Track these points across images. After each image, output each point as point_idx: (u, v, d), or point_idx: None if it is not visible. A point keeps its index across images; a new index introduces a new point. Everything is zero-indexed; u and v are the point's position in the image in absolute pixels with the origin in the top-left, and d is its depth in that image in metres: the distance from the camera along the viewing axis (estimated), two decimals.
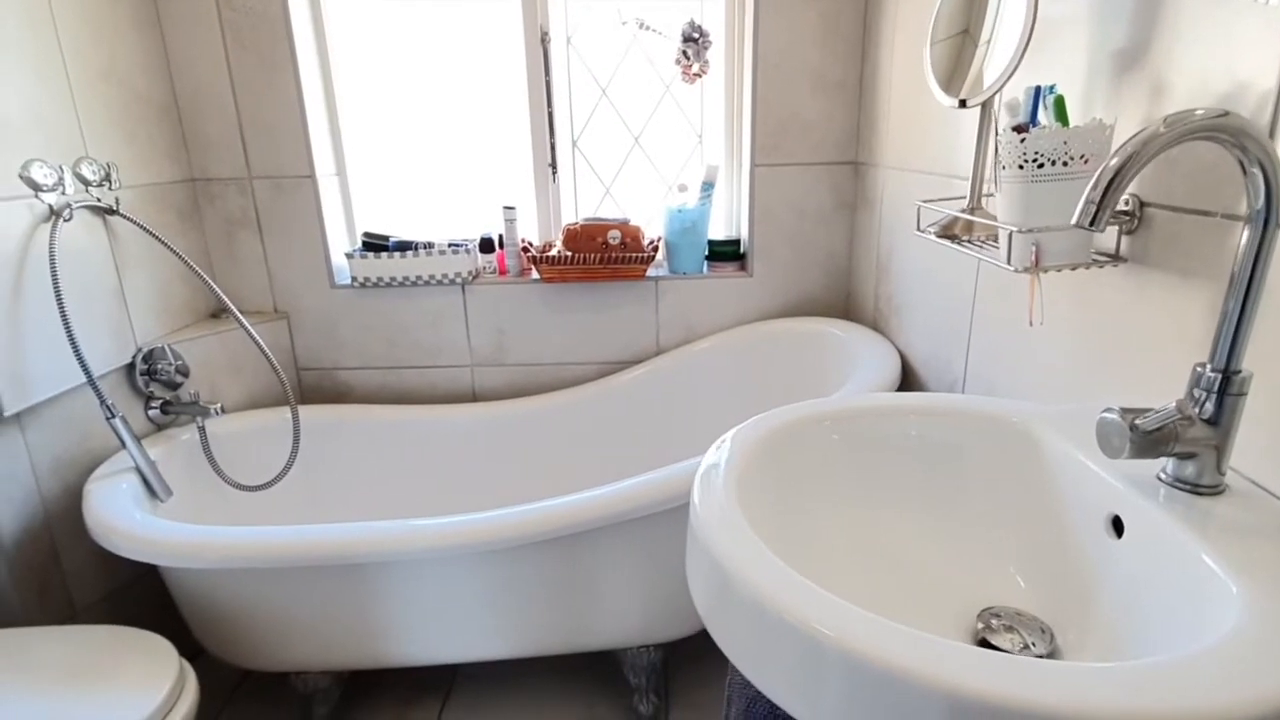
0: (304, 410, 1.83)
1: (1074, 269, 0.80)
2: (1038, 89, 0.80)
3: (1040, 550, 0.77)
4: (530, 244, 1.89)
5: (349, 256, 1.84)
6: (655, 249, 1.82)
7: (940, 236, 0.98)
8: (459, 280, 1.85)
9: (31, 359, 1.33)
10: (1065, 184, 0.77)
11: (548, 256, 1.79)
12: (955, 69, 0.90)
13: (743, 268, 1.92)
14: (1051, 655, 0.70)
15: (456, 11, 1.82)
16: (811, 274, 1.89)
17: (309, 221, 1.84)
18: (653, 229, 1.93)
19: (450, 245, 1.83)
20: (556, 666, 1.67)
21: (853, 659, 0.53)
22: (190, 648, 1.23)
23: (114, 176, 1.51)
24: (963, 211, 0.98)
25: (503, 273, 1.91)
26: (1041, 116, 0.81)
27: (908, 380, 1.53)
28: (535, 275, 1.87)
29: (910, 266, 1.50)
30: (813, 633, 0.55)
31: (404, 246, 1.83)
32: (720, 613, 0.62)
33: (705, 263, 1.91)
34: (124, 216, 1.51)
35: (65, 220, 1.39)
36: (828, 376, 1.66)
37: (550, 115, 1.84)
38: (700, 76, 1.76)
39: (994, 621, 0.74)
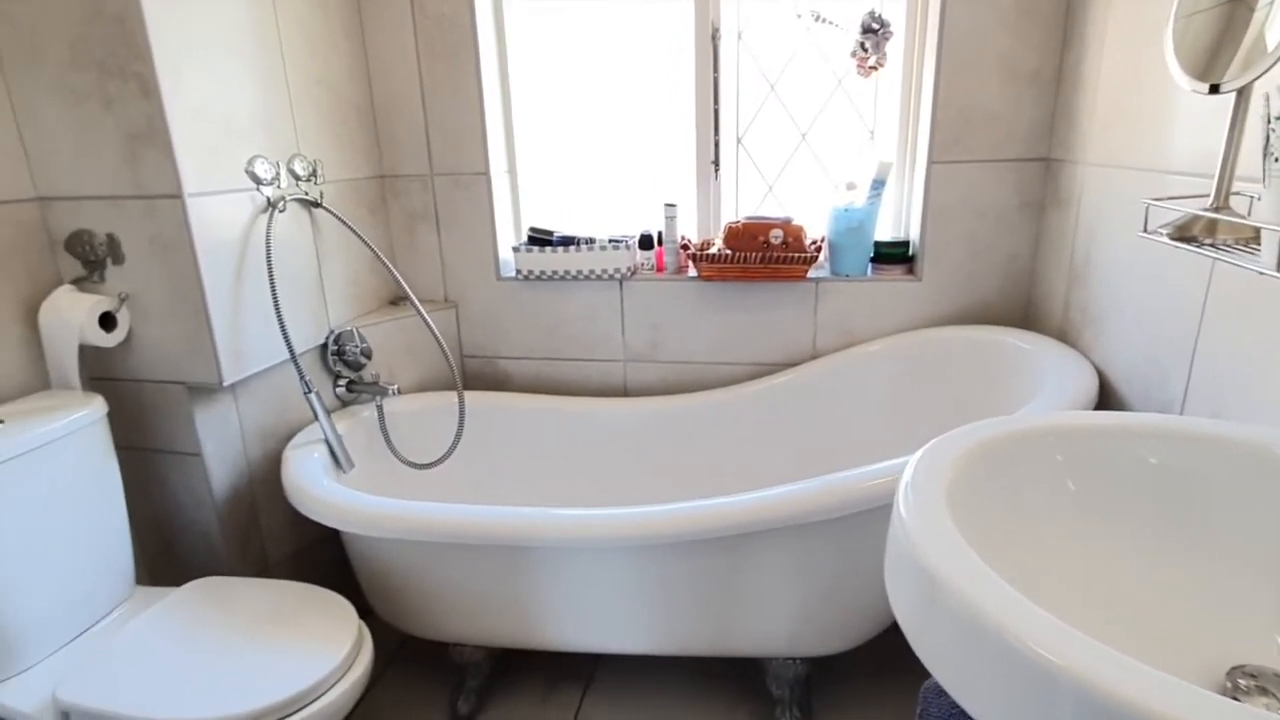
0: (467, 395, 1.93)
1: None
2: None
3: None
4: (689, 241, 1.88)
5: (515, 250, 1.91)
6: (818, 249, 1.76)
7: (1175, 239, 0.87)
8: (617, 276, 1.88)
9: (247, 336, 1.48)
10: None
11: (707, 254, 1.78)
12: (1220, 45, 0.79)
13: (911, 271, 1.81)
14: None
15: (628, 10, 1.85)
16: (988, 279, 1.75)
17: (481, 216, 1.93)
18: (816, 229, 1.87)
19: (611, 241, 1.86)
20: (698, 669, 1.65)
21: (1092, 695, 0.47)
22: (360, 608, 1.32)
23: (319, 172, 1.65)
24: (1205, 210, 0.86)
25: (660, 269, 1.92)
26: None
27: (1104, 399, 1.38)
28: (692, 273, 1.87)
29: (1115, 272, 1.35)
30: (1040, 659, 0.50)
31: (567, 241, 1.89)
32: (927, 627, 0.58)
33: (870, 265, 1.83)
34: (327, 210, 1.65)
35: (280, 211, 1.53)
36: (1008, 391, 1.53)
37: (716, 112, 1.82)
38: (877, 70, 1.68)
39: (1245, 682, 0.64)
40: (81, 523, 1.28)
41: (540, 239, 1.92)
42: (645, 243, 1.90)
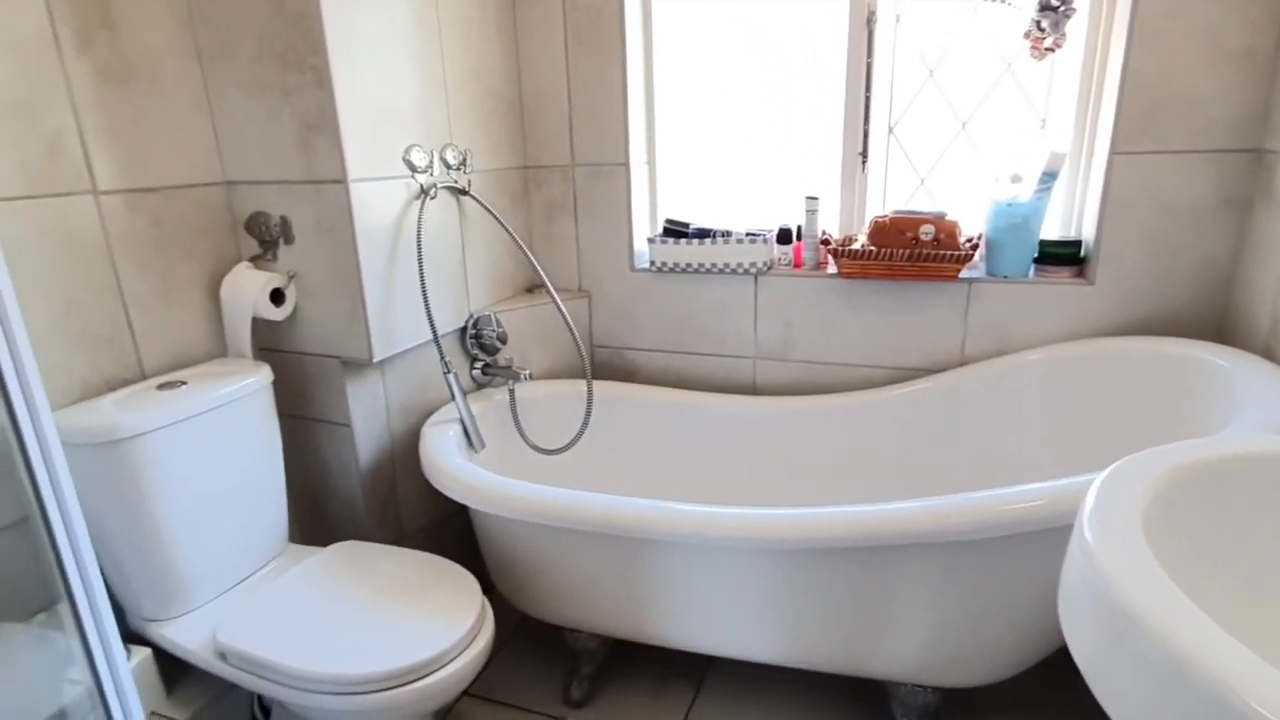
0: (595, 385, 1.94)
1: None
2: None
3: None
4: (830, 236, 1.80)
5: (650, 242, 1.90)
6: (974, 247, 1.63)
7: None
8: (753, 270, 1.83)
9: (396, 316, 1.56)
10: None
11: (849, 250, 1.69)
12: None
13: (1081, 273, 1.64)
14: None
15: None
16: (1175, 285, 1.55)
17: (618, 207, 1.94)
18: (972, 225, 1.73)
19: (748, 234, 1.81)
20: (817, 684, 1.57)
21: None
22: (483, 584, 1.35)
23: (468, 162, 1.72)
24: None
25: (798, 265, 1.85)
26: None
27: None
28: (832, 269, 1.78)
29: None
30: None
31: (703, 234, 1.86)
32: (1113, 668, 0.50)
33: (1033, 265, 1.67)
34: (473, 198, 1.71)
35: (431, 199, 1.60)
36: (1199, 413, 1.34)
37: (867, 100, 1.73)
38: (1053, 51, 1.52)
39: None
40: (248, 480, 1.39)
41: (676, 231, 1.90)
42: (784, 237, 1.84)
